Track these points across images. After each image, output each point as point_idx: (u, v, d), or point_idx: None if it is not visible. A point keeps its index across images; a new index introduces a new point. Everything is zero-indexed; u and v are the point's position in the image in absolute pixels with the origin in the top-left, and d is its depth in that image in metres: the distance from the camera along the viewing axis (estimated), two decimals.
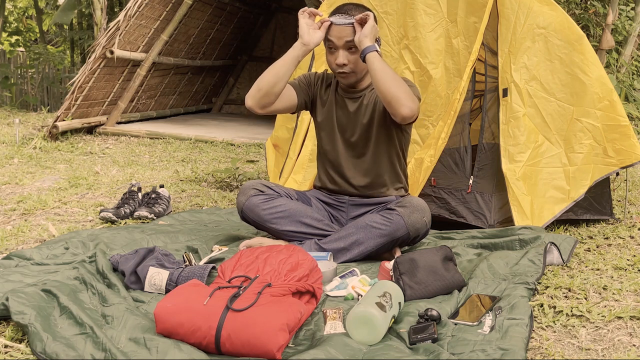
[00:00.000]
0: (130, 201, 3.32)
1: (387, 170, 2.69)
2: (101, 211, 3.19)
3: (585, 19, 6.98)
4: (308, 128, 3.39)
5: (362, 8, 2.58)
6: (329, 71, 2.76)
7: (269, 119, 8.53)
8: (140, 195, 3.43)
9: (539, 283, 2.24)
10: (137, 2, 6.27)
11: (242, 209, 2.63)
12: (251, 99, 2.56)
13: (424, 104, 3.13)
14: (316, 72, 2.80)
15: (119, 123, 6.91)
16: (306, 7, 2.58)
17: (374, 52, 2.45)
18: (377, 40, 2.56)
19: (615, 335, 1.84)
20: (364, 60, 2.48)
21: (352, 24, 2.50)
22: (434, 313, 1.84)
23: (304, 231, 2.60)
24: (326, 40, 2.57)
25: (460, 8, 3.07)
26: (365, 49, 2.46)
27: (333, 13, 2.58)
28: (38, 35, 12.67)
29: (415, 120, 2.51)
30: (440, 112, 3.08)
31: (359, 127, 2.67)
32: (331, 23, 2.53)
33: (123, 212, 3.21)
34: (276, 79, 2.52)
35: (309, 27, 2.54)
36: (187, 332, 1.70)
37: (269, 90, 2.52)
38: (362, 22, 2.50)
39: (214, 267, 2.24)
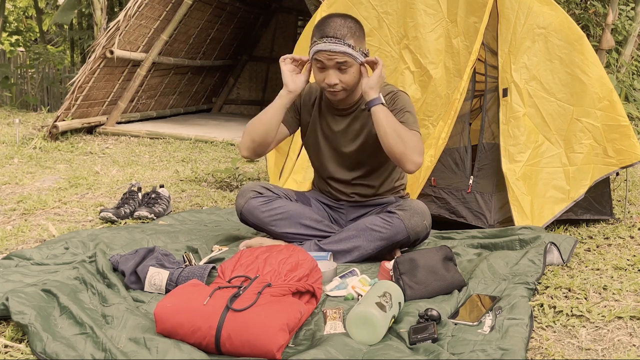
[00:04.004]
0: (130, 201, 3.32)
1: (384, 179, 2.67)
2: (101, 211, 3.19)
3: (585, 19, 6.98)
4: None
5: (351, 20, 2.47)
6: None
7: None
8: (140, 195, 3.43)
9: (539, 283, 2.24)
10: (137, 2, 6.27)
11: (241, 212, 2.62)
12: (247, 150, 2.56)
13: (424, 104, 3.13)
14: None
15: (119, 123, 6.91)
16: (287, 55, 2.53)
17: (379, 105, 2.41)
18: (366, 53, 2.49)
19: (615, 335, 1.84)
20: (368, 110, 2.45)
21: (345, 52, 2.39)
22: (434, 313, 1.84)
23: (304, 233, 2.60)
24: (313, 59, 2.47)
25: (460, 8, 3.07)
26: (370, 101, 2.42)
27: (319, 28, 2.44)
28: (38, 35, 12.68)
29: None
30: (440, 112, 3.08)
31: (349, 149, 2.62)
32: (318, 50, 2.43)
33: (123, 212, 3.21)
34: (267, 129, 2.51)
35: (292, 73, 2.51)
36: (187, 332, 1.70)
37: (262, 141, 2.53)
38: (370, 64, 2.45)
39: (214, 267, 2.24)
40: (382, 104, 2.42)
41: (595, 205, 3.13)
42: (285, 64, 2.52)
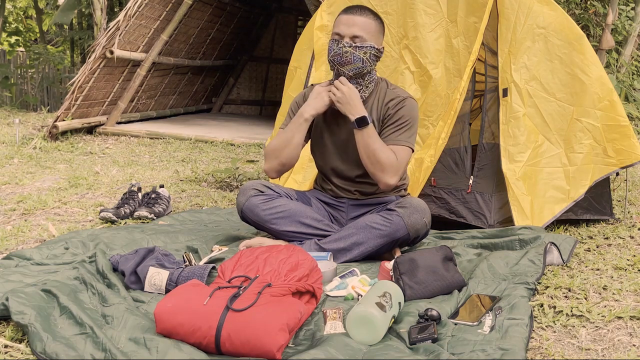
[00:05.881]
0: (130, 201, 3.32)
1: None
2: (101, 211, 3.19)
3: (585, 19, 6.98)
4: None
5: (368, 11, 2.58)
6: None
7: (268, 119, 8.54)
8: (140, 195, 3.43)
9: (539, 283, 2.24)
10: (137, 2, 6.27)
11: (242, 210, 2.63)
12: (276, 173, 2.64)
13: (424, 104, 3.13)
14: (305, 93, 2.76)
15: (119, 123, 6.91)
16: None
17: (362, 128, 2.48)
18: (381, 50, 2.59)
19: (615, 335, 1.84)
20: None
21: (365, 24, 2.52)
22: (434, 313, 1.84)
23: (304, 231, 2.60)
24: (332, 34, 2.59)
25: (460, 8, 3.07)
26: (352, 123, 2.50)
27: (342, 11, 2.59)
28: (38, 35, 12.68)
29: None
30: (440, 112, 3.08)
31: (355, 147, 2.62)
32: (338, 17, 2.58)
33: (123, 212, 3.21)
34: (295, 149, 2.60)
35: (320, 95, 2.60)
36: (187, 332, 1.70)
37: (291, 161, 2.62)
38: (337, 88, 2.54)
39: (214, 267, 2.24)
40: (357, 128, 2.49)
41: (595, 205, 3.13)
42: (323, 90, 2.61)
